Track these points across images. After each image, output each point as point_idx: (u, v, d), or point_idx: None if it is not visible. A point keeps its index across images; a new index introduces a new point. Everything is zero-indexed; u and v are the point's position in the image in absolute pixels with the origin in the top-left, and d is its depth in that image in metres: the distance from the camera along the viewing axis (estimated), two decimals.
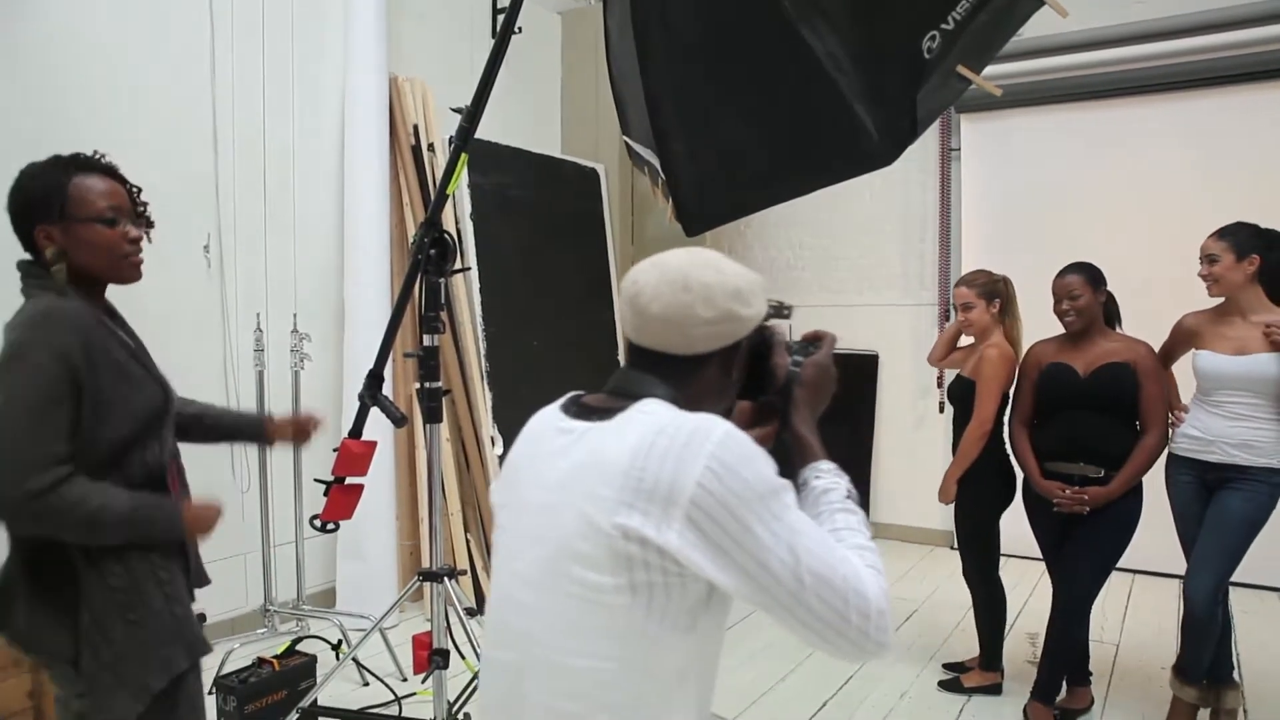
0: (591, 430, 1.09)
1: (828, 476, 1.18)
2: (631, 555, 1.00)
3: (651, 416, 1.05)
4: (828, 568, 1.01)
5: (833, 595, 1.00)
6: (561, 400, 1.20)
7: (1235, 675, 2.93)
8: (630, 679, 1.03)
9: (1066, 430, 2.87)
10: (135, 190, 1.62)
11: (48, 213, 1.50)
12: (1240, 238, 2.69)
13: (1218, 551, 2.67)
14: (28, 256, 1.55)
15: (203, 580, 1.70)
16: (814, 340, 1.30)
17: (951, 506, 3.19)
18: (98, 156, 1.59)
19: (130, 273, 1.59)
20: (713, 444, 1.01)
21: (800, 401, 1.23)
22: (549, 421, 1.17)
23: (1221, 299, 2.78)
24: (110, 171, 1.59)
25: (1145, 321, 3.03)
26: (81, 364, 1.43)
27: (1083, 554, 2.85)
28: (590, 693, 1.03)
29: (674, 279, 1.11)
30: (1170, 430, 2.85)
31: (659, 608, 1.02)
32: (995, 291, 3.12)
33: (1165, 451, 2.87)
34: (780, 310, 1.27)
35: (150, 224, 1.65)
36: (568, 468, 1.08)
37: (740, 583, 1.01)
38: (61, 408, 1.42)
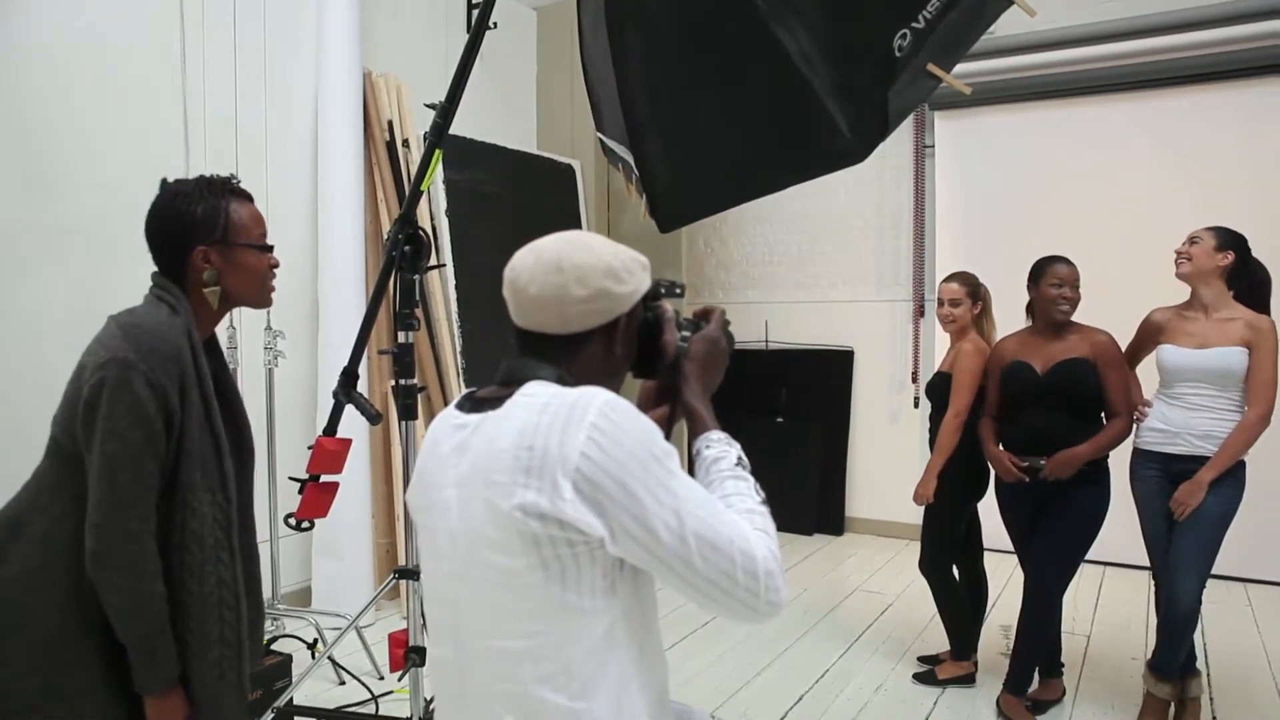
0: (485, 421, 1.12)
1: (718, 445, 1.21)
2: (536, 533, 1.03)
3: (534, 398, 1.09)
4: (712, 530, 1.04)
5: (718, 557, 1.04)
6: (457, 398, 1.23)
7: (1199, 664, 2.97)
8: (559, 649, 1.06)
9: (1028, 427, 2.91)
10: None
11: (210, 233, 1.52)
12: (1226, 232, 2.75)
13: (1198, 551, 2.67)
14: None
15: None
16: (704, 316, 1.34)
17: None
18: (236, 182, 1.60)
19: (268, 298, 1.63)
20: (593, 414, 1.04)
21: (690, 375, 1.27)
22: (446, 421, 1.20)
23: (1189, 293, 2.81)
24: (252, 199, 1.61)
25: (1115, 318, 3.06)
26: (176, 405, 1.43)
27: (1051, 547, 2.89)
28: (524, 669, 1.06)
29: (548, 261, 1.15)
30: (1135, 426, 2.88)
31: (572, 579, 1.05)
32: (978, 294, 3.26)
33: (1131, 447, 2.89)
34: (672, 288, 1.30)
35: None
36: (468, 461, 1.12)
37: (630, 548, 1.04)
38: (157, 450, 1.40)
